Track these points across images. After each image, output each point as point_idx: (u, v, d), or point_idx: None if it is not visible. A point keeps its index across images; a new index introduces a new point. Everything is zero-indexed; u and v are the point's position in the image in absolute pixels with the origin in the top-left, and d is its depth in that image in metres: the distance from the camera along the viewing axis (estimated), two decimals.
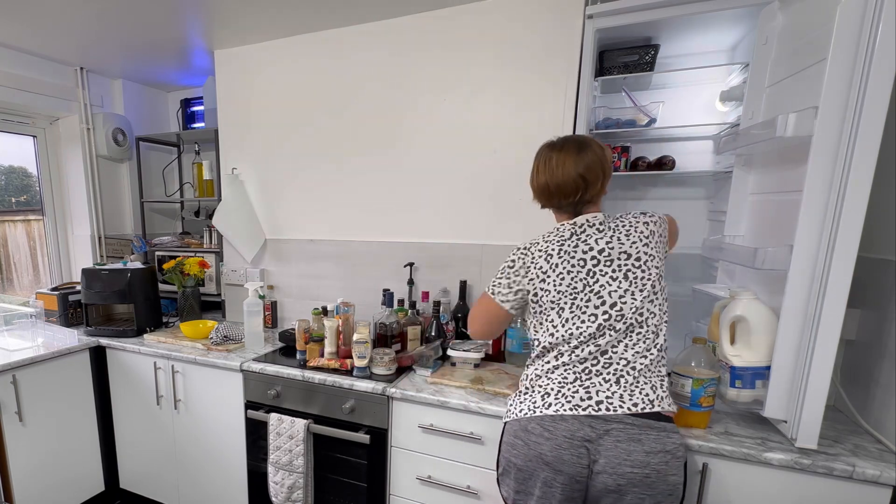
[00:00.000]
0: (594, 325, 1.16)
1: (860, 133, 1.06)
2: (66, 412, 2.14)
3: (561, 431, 1.13)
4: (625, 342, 1.16)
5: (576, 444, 1.11)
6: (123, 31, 2.15)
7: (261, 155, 2.38)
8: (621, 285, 1.15)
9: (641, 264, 1.16)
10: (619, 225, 1.19)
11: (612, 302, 1.16)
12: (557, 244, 1.21)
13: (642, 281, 1.15)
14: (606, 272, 1.16)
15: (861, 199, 1.08)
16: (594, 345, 1.16)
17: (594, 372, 1.16)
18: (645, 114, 1.77)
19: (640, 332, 1.16)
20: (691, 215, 1.86)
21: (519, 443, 1.18)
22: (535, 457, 1.14)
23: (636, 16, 1.55)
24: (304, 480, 1.76)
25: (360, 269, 2.24)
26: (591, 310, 1.17)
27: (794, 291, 1.17)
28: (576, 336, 1.18)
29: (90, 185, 2.71)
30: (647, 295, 1.15)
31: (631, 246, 1.16)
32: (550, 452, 1.12)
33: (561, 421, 1.14)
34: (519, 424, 1.19)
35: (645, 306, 1.15)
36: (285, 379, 1.81)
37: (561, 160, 1.21)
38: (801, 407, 1.19)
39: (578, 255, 1.18)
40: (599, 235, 1.19)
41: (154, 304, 2.38)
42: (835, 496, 1.19)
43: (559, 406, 1.15)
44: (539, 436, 1.15)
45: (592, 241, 1.18)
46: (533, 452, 1.15)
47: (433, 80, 1.99)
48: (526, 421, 1.18)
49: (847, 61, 1.06)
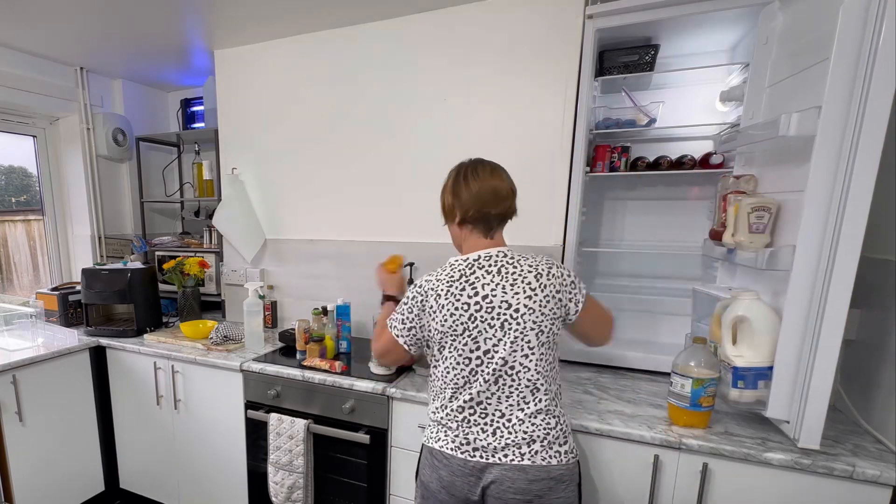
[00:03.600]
0: (467, 369, 1.19)
1: (863, 132, 1.06)
2: (66, 412, 2.14)
3: (455, 462, 1.20)
4: (497, 394, 1.18)
5: (467, 472, 1.18)
6: (123, 31, 2.15)
7: (261, 155, 2.38)
8: (496, 334, 1.16)
9: (519, 316, 1.16)
10: (509, 272, 1.19)
11: (486, 349, 1.17)
12: (447, 284, 1.21)
13: (514, 332, 1.16)
14: (486, 318, 1.17)
15: (864, 199, 1.08)
16: (468, 393, 1.19)
17: (472, 422, 1.20)
18: (645, 114, 1.77)
19: (512, 384, 1.17)
20: (691, 215, 1.86)
21: (426, 463, 1.27)
22: (437, 479, 1.23)
23: (636, 16, 1.55)
24: (304, 480, 1.76)
25: (360, 269, 2.23)
26: (465, 353, 1.19)
27: (797, 292, 1.17)
28: (452, 378, 1.21)
29: (90, 185, 2.71)
30: (520, 348, 1.16)
31: (513, 296, 1.16)
32: (447, 478, 1.21)
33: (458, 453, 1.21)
34: (426, 448, 1.28)
35: (517, 359, 1.16)
36: (285, 379, 1.81)
37: (490, 170, 1.24)
38: (804, 407, 1.19)
39: (464, 298, 1.18)
40: (486, 280, 1.18)
41: (154, 304, 2.38)
42: (835, 496, 1.19)
43: (445, 443, 1.22)
44: (440, 462, 1.23)
45: (479, 286, 1.18)
46: (435, 475, 1.23)
47: (433, 80, 1.99)
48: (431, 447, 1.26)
49: (850, 61, 1.06)
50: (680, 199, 1.88)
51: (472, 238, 1.25)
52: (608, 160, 1.79)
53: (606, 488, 1.41)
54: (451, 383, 1.21)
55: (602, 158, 1.79)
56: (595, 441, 1.39)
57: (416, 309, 1.25)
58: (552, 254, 1.86)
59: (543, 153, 1.85)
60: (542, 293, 1.17)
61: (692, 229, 1.83)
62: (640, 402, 1.53)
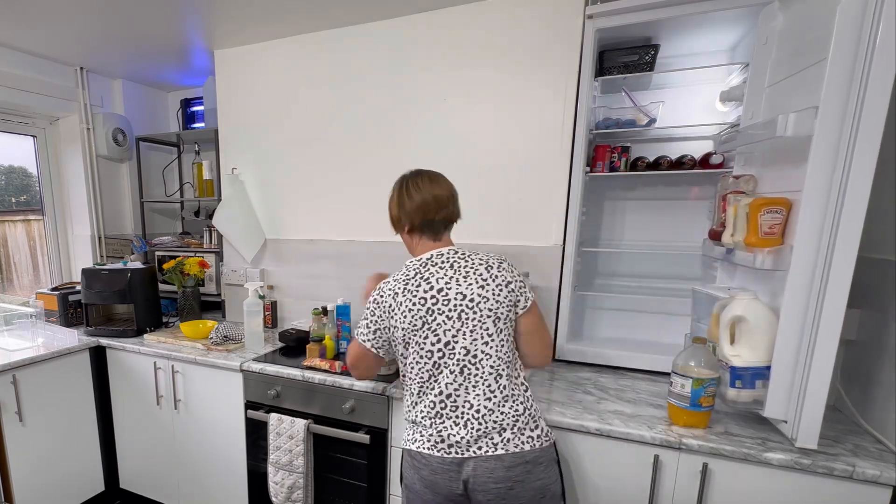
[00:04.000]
0: (430, 362, 1.23)
1: (860, 133, 1.06)
2: (66, 412, 2.14)
3: (434, 460, 1.22)
4: (465, 384, 1.21)
5: (446, 467, 1.21)
6: (123, 31, 2.15)
7: (261, 155, 2.38)
8: (455, 325, 1.21)
9: (474, 306, 1.21)
10: (461, 266, 1.26)
11: (447, 341, 1.22)
12: (403, 283, 1.27)
13: (472, 322, 1.21)
14: (443, 311, 1.22)
15: (861, 199, 1.08)
16: (437, 387, 1.23)
17: (444, 415, 1.22)
18: (645, 114, 1.77)
19: (476, 373, 1.21)
20: (691, 215, 1.86)
21: (406, 464, 1.30)
22: (419, 479, 1.25)
23: (636, 16, 1.56)
24: (304, 480, 1.76)
25: (360, 269, 2.23)
26: (427, 346, 1.23)
27: (795, 291, 1.17)
28: (418, 373, 1.25)
29: (90, 185, 2.71)
30: (479, 336, 1.21)
31: (467, 287, 1.22)
32: (429, 477, 1.23)
33: (431, 454, 1.23)
34: (405, 450, 1.31)
35: (478, 347, 1.20)
36: (285, 379, 1.81)
37: (429, 180, 1.32)
38: (802, 407, 1.19)
39: (420, 293, 1.24)
40: (441, 275, 1.25)
41: (154, 304, 2.38)
42: (835, 496, 1.19)
43: (420, 444, 1.25)
44: (419, 462, 1.25)
45: (434, 280, 1.24)
46: (417, 475, 1.26)
47: (433, 80, 1.99)
48: (407, 451, 1.29)
49: (847, 61, 1.06)
50: (680, 199, 1.88)
51: (423, 243, 1.33)
52: (608, 160, 1.79)
53: (607, 488, 1.41)
54: (418, 378, 1.26)
55: (602, 158, 1.79)
56: (595, 441, 1.39)
57: (379, 311, 1.30)
58: (552, 254, 1.87)
59: (543, 153, 1.85)
60: (493, 283, 1.23)
61: (692, 229, 1.83)
62: (640, 402, 1.53)
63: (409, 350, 1.26)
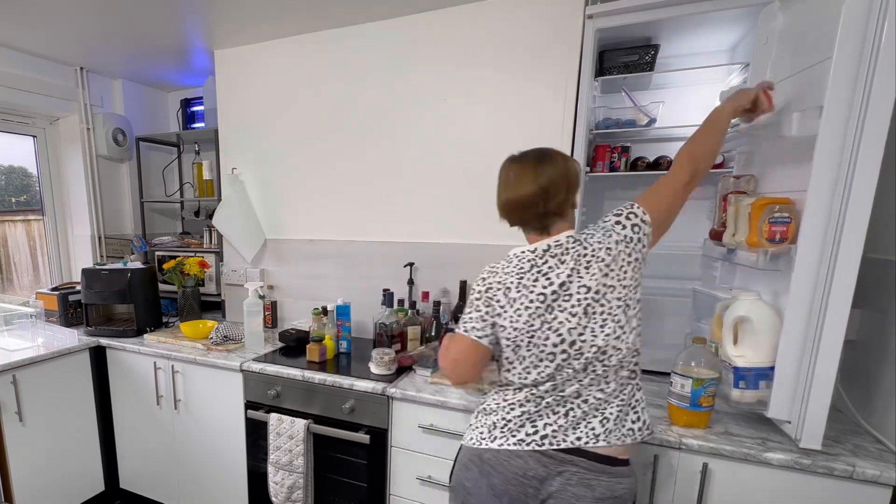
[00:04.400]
0: (553, 365, 1.11)
1: (865, 132, 1.06)
2: (66, 412, 2.14)
3: (513, 468, 1.11)
4: (582, 381, 1.11)
5: (525, 482, 1.11)
6: (123, 31, 2.15)
7: (261, 155, 2.38)
8: (581, 321, 1.08)
9: (601, 297, 1.08)
10: (581, 254, 1.10)
11: (571, 340, 1.09)
12: (516, 277, 1.13)
13: (602, 316, 1.08)
14: (565, 307, 1.09)
15: (866, 199, 1.08)
16: (551, 384, 1.12)
17: (543, 405, 1.12)
18: (645, 114, 1.77)
19: (601, 367, 1.10)
20: (691, 215, 1.85)
21: (473, 468, 1.17)
22: (487, 486, 1.14)
23: (636, 16, 1.55)
24: (304, 480, 1.76)
25: (360, 269, 2.23)
26: (549, 348, 1.10)
27: (799, 292, 1.16)
28: (533, 375, 1.13)
29: (90, 185, 2.71)
30: (612, 331, 1.08)
31: (591, 279, 1.08)
32: (501, 486, 1.12)
33: (516, 457, 1.12)
34: (473, 452, 1.18)
35: (610, 343, 1.08)
36: (285, 379, 1.81)
37: (519, 172, 1.17)
38: (806, 407, 1.19)
39: (538, 289, 1.10)
40: (561, 269, 1.10)
41: (154, 304, 2.38)
42: (835, 496, 1.19)
43: (504, 440, 1.13)
44: (492, 468, 1.14)
45: (553, 275, 1.10)
46: (484, 482, 1.14)
47: (433, 80, 1.99)
48: (482, 451, 1.16)
49: (852, 60, 1.06)
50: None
51: (530, 237, 1.20)
52: (608, 160, 1.79)
53: None
54: (531, 382, 1.13)
55: (602, 158, 1.79)
56: None
57: (486, 307, 1.17)
58: None
59: None
60: (617, 264, 1.08)
61: (692, 229, 1.83)
62: None
63: (522, 353, 1.13)
